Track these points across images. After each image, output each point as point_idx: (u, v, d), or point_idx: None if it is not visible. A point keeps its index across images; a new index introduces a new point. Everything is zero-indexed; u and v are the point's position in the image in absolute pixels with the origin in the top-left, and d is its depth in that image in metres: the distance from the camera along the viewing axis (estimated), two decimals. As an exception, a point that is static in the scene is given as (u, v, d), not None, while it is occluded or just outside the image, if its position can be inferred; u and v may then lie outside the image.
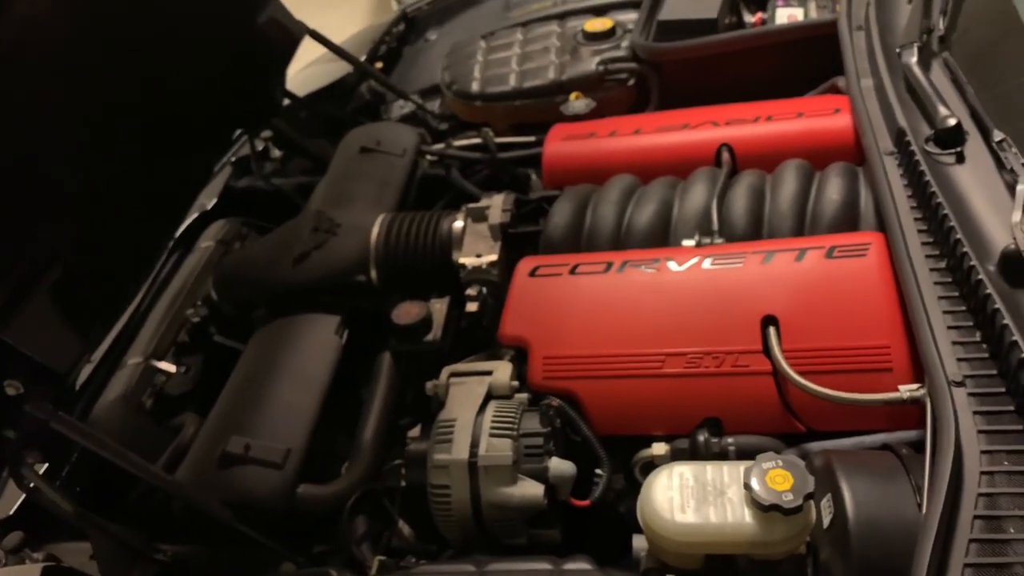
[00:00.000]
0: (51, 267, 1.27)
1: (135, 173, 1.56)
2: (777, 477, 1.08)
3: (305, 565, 1.39)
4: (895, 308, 1.29)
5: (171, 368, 1.78)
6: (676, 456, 1.31)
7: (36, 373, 1.24)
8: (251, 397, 1.56)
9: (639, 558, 1.18)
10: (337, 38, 2.29)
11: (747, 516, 1.08)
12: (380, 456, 1.52)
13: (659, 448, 1.32)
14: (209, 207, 2.22)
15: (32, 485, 1.29)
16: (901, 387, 1.19)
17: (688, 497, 1.12)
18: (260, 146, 2.42)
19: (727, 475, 1.13)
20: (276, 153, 2.43)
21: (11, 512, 1.49)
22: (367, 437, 1.53)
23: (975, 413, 1.05)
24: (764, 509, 1.05)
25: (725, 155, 1.72)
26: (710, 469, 1.14)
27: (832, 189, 1.53)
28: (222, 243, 2.08)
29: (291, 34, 2.03)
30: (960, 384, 1.08)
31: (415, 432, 1.48)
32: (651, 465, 1.34)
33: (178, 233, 2.12)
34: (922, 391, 1.16)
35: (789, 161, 1.63)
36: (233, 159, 2.37)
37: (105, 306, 1.52)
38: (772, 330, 1.32)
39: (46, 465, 1.49)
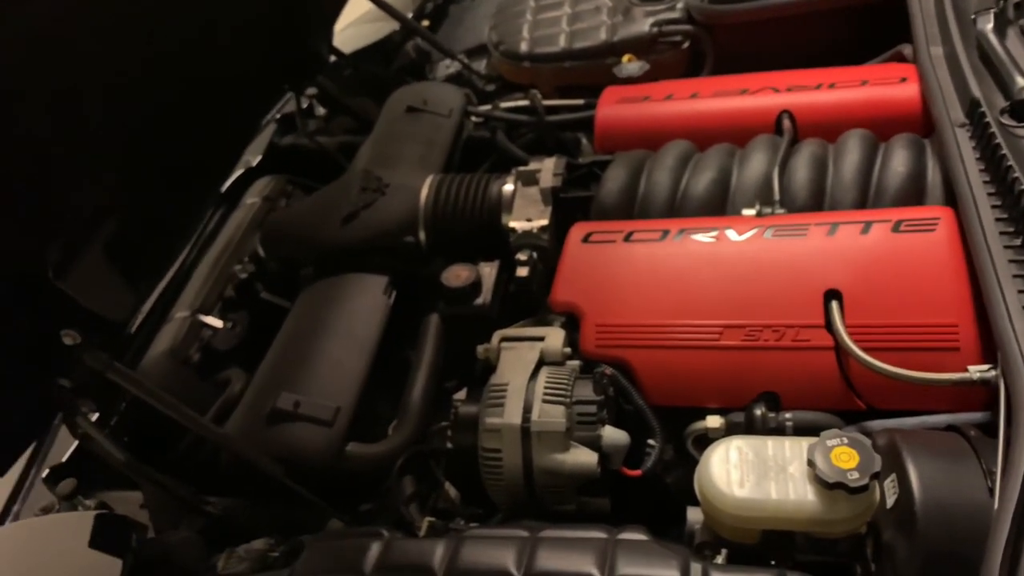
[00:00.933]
0: (106, 220, 1.27)
1: (180, 126, 1.55)
2: (842, 455, 1.05)
3: (352, 523, 1.40)
4: (964, 286, 1.25)
5: (218, 323, 1.78)
6: (731, 430, 1.29)
7: (92, 323, 1.24)
8: (300, 354, 1.56)
9: (693, 531, 1.17)
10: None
11: (809, 493, 1.06)
12: (427, 418, 1.51)
13: (714, 421, 1.30)
14: (254, 164, 2.21)
15: (85, 434, 1.30)
16: (971, 367, 1.15)
17: (748, 472, 1.10)
18: (305, 104, 2.40)
19: (789, 450, 1.11)
20: (321, 111, 2.41)
21: (64, 459, 1.51)
22: (415, 398, 1.52)
23: (1052, 396, 1.02)
24: (829, 487, 1.03)
25: (786, 122, 1.67)
26: (771, 444, 1.12)
27: (898, 161, 1.48)
28: (267, 200, 2.07)
29: (338, -9, 2.00)
30: (1035, 364, 1.04)
31: (461, 395, 1.47)
32: (704, 438, 1.32)
33: (223, 189, 2.11)
34: (993, 372, 1.13)
35: (853, 131, 1.58)
36: (278, 116, 2.35)
37: (156, 259, 1.52)
38: (835, 304, 1.29)
39: (97, 415, 1.51)
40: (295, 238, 1.80)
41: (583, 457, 1.25)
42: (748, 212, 1.46)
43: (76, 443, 1.52)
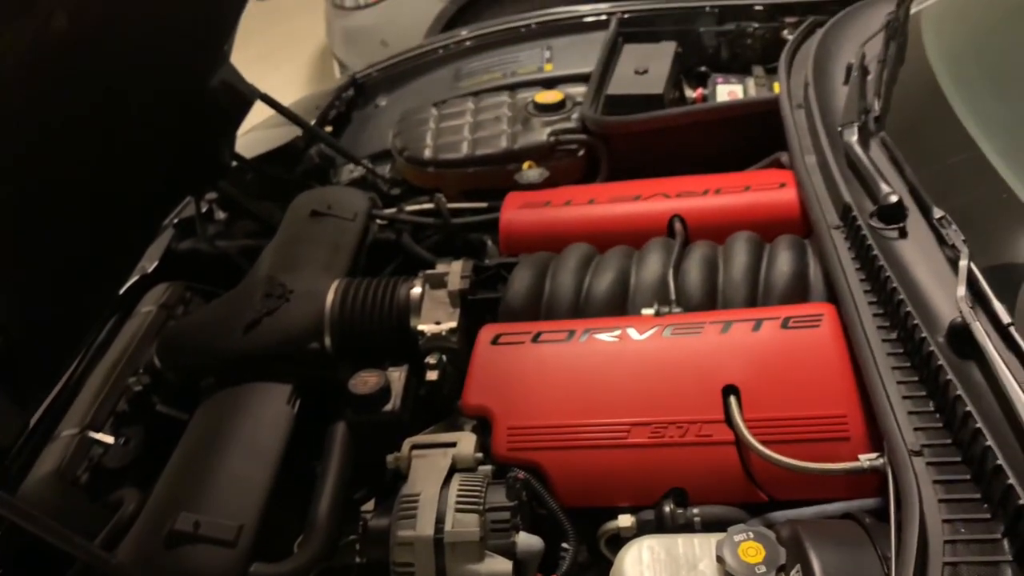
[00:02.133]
0: None
1: (72, 235, 1.51)
2: (749, 549, 1.09)
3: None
4: (850, 378, 1.33)
5: (109, 439, 1.69)
6: (642, 528, 1.31)
7: None
8: (199, 470, 1.49)
9: (610, 636, 1.17)
10: (280, 99, 2.28)
11: (720, 589, 1.08)
12: (336, 532, 1.47)
13: (625, 520, 1.32)
14: (150, 270, 2.15)
15: None
16: (861, 456, 1.22)
17: (661, 571, 1.12)
18: (204, 208, 2.37)
19: (698, 548, 1.13)
20: (221, 215, 2.39)
21: None
22: (322, 512, 1.47)
23: (935, 482, 1.09)
24: (738, 583, 1.06)
25: (678, 226, 1.76)
26: (681, 542, 1.15)
27: (782, 261, 1.58)
28: (164, 307, 2.01)
29: (243, 97, 2.02)
30: (919, 453, 1.12)
31: (369, 506, 1.44)
32: (617, 537, 1.33)
33: (116, 296, 2.04)
34: (881, 460, 1.19)
35: (739, 233, 1.69)
36: (176, 220, 2.32)
37: (42, 375, 1.44)
38: (733, 399, 1.34)
39: None
40: (194, 347, 1.75)
41: (498, 566, 1.24)
42: (647, 311, 1.52)
43: None
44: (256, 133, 2.58)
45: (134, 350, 1.87)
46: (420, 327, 1.62)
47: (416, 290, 1.69)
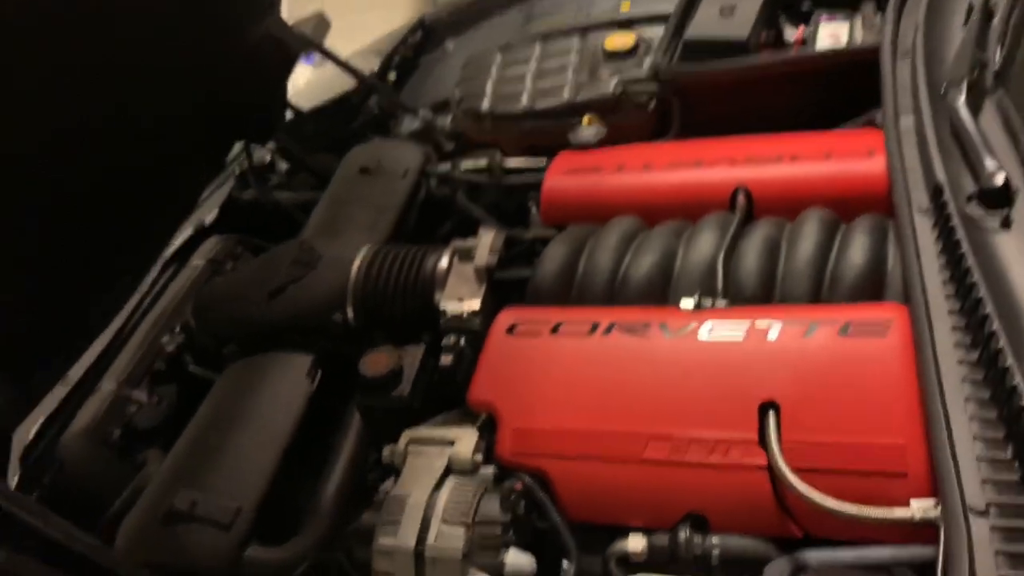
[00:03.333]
0: None
1: (111, 201, 1.46)
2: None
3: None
4: (915, 401, 1.11)
5: (143, 398, 1.69)
6: (654, 553, 1.16)
7: None
8: (208, 446, 1.46)
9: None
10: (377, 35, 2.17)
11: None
12: (341, 517, 1.39)
13: (636, 543, 1.17)
14: (209, 221, 2.12)
15: None
16: (914, 503, 1.01)
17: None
18: (267, 158, 2.32)
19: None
20: (284, 166, 2.34)
21: None
22: (328, 496, 1.41)
23: (997, 553, 0.88)
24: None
25: (741, 199, 1.53)
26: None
27: (856, 248, 1.34)
28: (213, 262, 1.98)
29: (290, 49, 1.92)
30: (983, 513, 0.91)
31: (389, 485, 1.36)
32: (626, 560, 1.19)
33: (170, 251, 2.03)
34: (937, 511, 0.99)
35: (812, 211, 1.45)
36: (238, 172, 2.27)
37: (41, 362, 1.42)
38: (771, 418, 1.15)
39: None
40: (222, 312, 1.70)
41: (481, 587, 1.13)
42: (686, 304, 1.33)
43: None
44: (321, 80, 2.49)
45: (177, 306, 1.85)
46: (442, 305, 1.50)
47: (443, 263, 1.56)
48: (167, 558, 1.31)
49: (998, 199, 1.19)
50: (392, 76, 2.40)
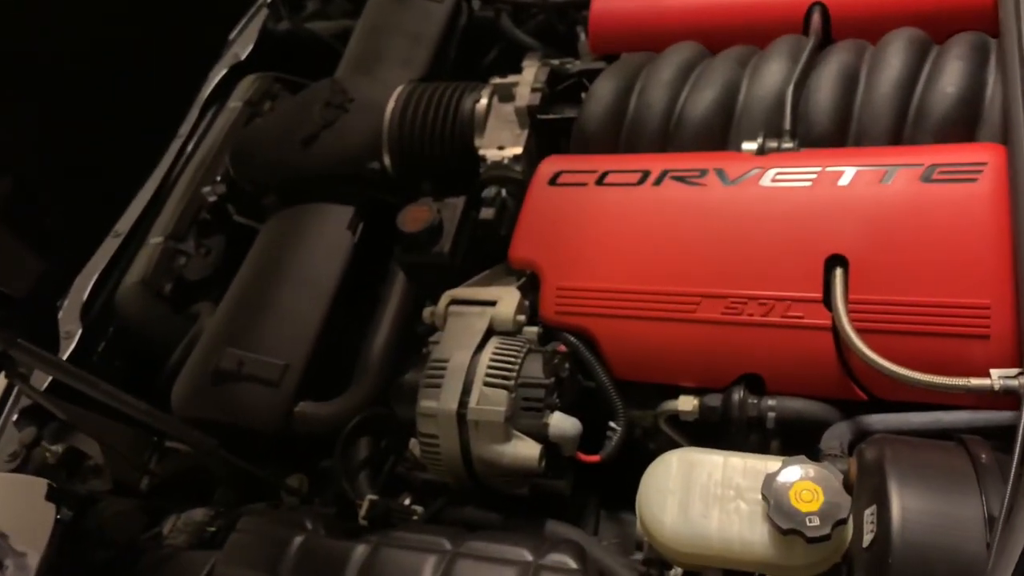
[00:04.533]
0: None
1: (138, 45, 1.35)
2: (804, 492, 0.87)
3: (301, 493, 1.32)
4: (1004, 256, 0.99)
5: (190, 249, 1.67)
6: (705, 413, 1.12)
7: None
8: (253, 302, 1.44)
9: (642, 541, 1.02)
10: None
11: (760, 531, 0.89)
12: (389, 371, 1.38)
13: (686, 403, 1.12)
14: (244, 56, 2.00)
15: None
16: (994, 372, 0.92)
17: (693, 495, 0.93)
18: (300, -18, 2.15)
19: (743, 475, 0.93)
20: (319, -7, 2.17)
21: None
22: (376, 350, 1.40)
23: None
24: (782, 532, 0.85)
25: (816, 19, 1.34)
26: (723, 463, 0.94)
27: (948, 76, 1.16)
28: (250, 103, 1.89)
29: None
30: (1072, 380, 0.81)
31: (436, 338, 1.33)
32: (676, 419, 1.14)
33: (209, 89, 1.92)
34: (1020, 381, 0.90)
35: (898, 31, 1.25)
36: (270, 1, 2.11)
37: (82, 220, 1.38)
38: (838, 274, 1.05)
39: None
40: (258, 160, 1.63)
41: (524, 450, 1.10)
42: (749, 146, 1.19)
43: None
44: None
45: (217, 153, 1.78)
46: (482, 151, 1.39)
47: (482, 103, 1.44)
48: (219, 415, 1.32)
49: None
50: None
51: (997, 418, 0.96)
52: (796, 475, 0.87)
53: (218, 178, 1.73)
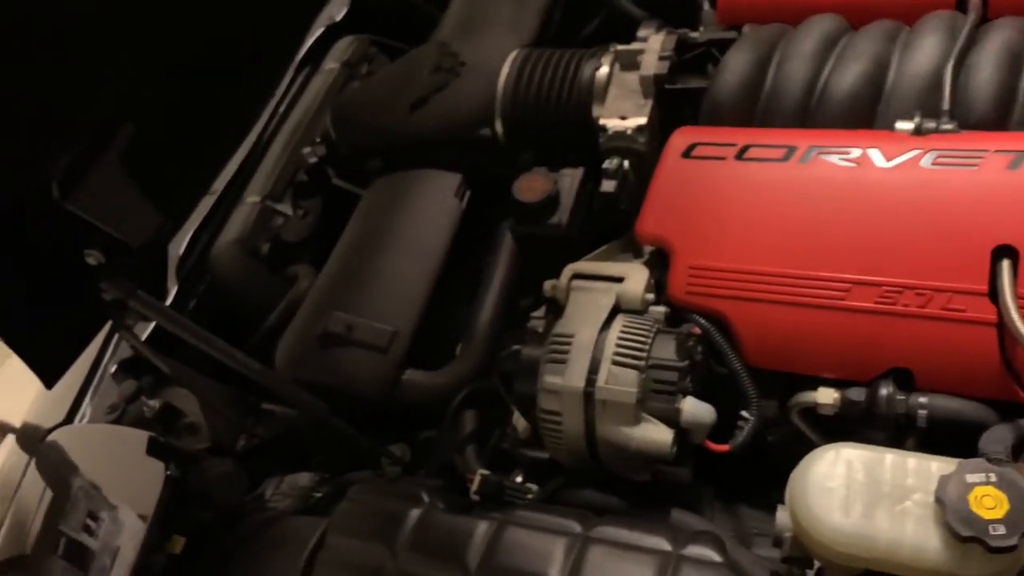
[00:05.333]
0: (120, 128, 1.10)
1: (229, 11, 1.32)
2: (985, 498, 0.81)
3: (404, 462, 1.29)
4: None
5: (288, 210, 1.65)
6: (846, 407, 1.05)
7: (115, 244, 1.12)
8: (359, 268, 1.41)
9: (782, 537, 0.96)
10: None
11: (934, 537, 0.83)
12: (495, 342, 1.35)
13: (826, 395, 1.06)
14: (339, 18, 1.97)
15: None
16: None
17: (856, 495, 0.87)
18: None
19: (912, 475, 0.87)
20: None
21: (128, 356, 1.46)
22: (482, 321, 1.37)
23: None
24: (962, 540, 0.80)
25: (974, -6, 1.26)
26: (890, 461, 0.88)
27: None
28: (347, 65, 1.86)
29: None
30: None
31: (539, 313, 1.28)
32: (812, 412, 1.09)
33: (296, 57, 1.90)
34: None
35: (1071, 8, 1.17)
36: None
37: (194, 171, 1.36)
38: (1006, 265, 0.98)
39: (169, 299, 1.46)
40: (363, 123, 1.59)
41: (655, 435, 1.05)
42: (904, 126, 1.12)
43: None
44: None
45: (314, 115, 1.76)
46: (602, 120, 1.33)
47: (603, 70, 1.38)
48: (325, 378, 1.30)
49: None
50: None
51: None
52: (978, 478, 0.81)
53: (317, 139, 1.70)
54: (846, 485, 0.87)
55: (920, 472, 0.86)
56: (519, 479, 1.20)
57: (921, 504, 0.84)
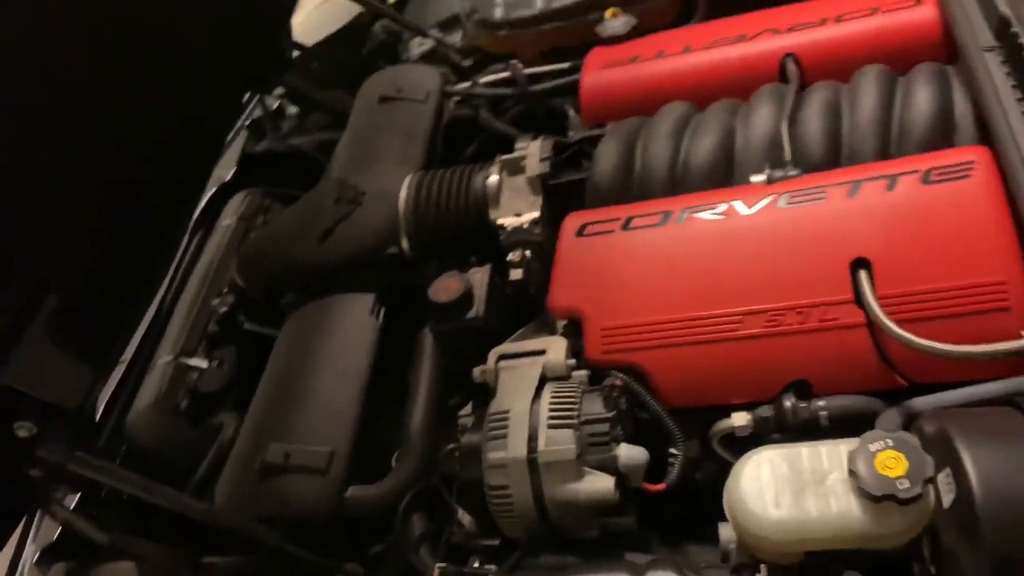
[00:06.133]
0: (44, 298, 1.14)
1: (134, 174, 1.41)
2: (888, 460, 0.92)
3: (362, 574, 1.30)
4: (1010, 237, 1.10)
5: (203, 363, 1.68)
6: (759, 425, 1.16)
7: (47, 411, 1.13)
8: (287, 397, 1.45)
9: (728, 550, 1.04)
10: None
11: (855, 507, 0.93)
12: (432, 444, 1.40)
13: (740, 418, 1.17)
14: (228, 178, 2.08)
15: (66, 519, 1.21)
16: (1025, 333, 1.00)
17: (783, 488, 0.97)
18: (274, 105, 2.26)
19: (826, 459, 0.97)
20: (293, 110, 2.28)
21: (55, 538, 1.42)
22: (415, 426, 1.41)
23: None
24: (876, 500, 0.90)
25: (791, 67, 1.49)
26: (805, 453, 0.99)
27: (920, 97, 1.30)
28: (243, 219, 1.94)
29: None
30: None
31: (467, 411, 1.35)
32: (731, 437, 1.19)
33: (195, 214, 1.98)
34: (1051, 335, 0.98)
35: (867, 67, 1.40)
36: (248, 123, 2.22)
37: (114, 326, 1.40)
38: (864, 275, 1.14)
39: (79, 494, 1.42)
40: (271, 263, 1.67)
41: (599, 484, 1.13)
42: (757, 179, 1.30)
43: None
44: (317, 15, 2.40)
45: (217, 268, 1.82)
46: (499, 220, 1.47)
47: (492, 179, 1.53)
48: (270, 510, 1.31)
49: (1069, 23, 1.15)
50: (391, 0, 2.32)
51: (1027, 382, 1.04)
52: (877, 446, 0.92)
53: (225, 289, 1.77)
54: (773, 482, 0.97)
55: (832, 455, 0.97)
56: (476, 564, 1.24)
57: (839, 481, 0.94)
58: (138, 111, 1.43)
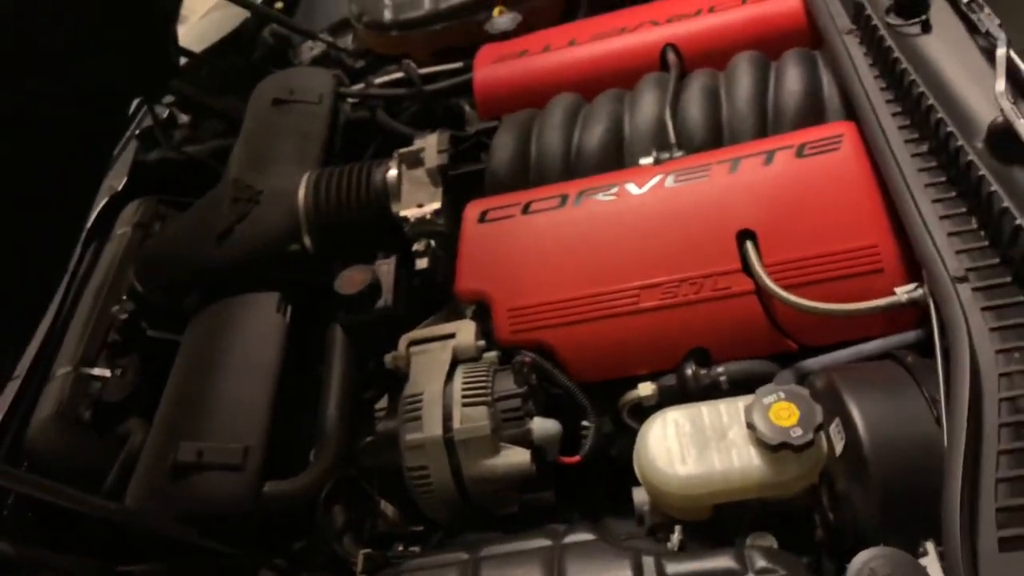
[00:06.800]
0: None
1: (15, 186, 1.35)
2: (782, 411, 0.99)
3: (285, 568, 1.29)
4: (878, 203, 1.19)
5: (105, 373, 1.62)
6: (664, 394, 1.22)
7: None
8: (196, 396, 1.42)
9: (642, 512, 1.09)
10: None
11: (755, 457, 0.99)
12: (347, 436, 1.40)
13: (645, 388, 1.23)
14: (120, 188, 2.01)
15: None
16: (898, 289, 1.10)
17: (687, 445, 1.02)
18: (164, 113, 2.21)
19: (725, 415, 1.04)
20: (184, 118, 2.23)
21: None
22: (330, 419, 1.41)
23: (983, 309, 0.97)
24: (773, 449, 0.97)
25: (671, 56, 1.57)
26: (706, 411, 1.05)
27: (791, 80, 1.40)
28: (139, 227, 1.89)
29: (172, -10, 1.80)
30: (963, 279, 0.99)
31: (383, 403, 1.36)
32: (639, 407, 1.24)
33: (89, 223, 1.92)
34: (921, 291, 1.08)
35: (741, 54, 1.50)
36: (138, 132, 2.15)
37: (1, 342, 1.34)
38: (750, 245, 1.21)
39: None
40: (171, 266, 1.64)
41: (515, 457, 1.17)
42: (645, 161, 1.37)
43: None
44: (204, 21, 2.36)
45: (115, 276, 1.76)
46: (402, 212, 1.49)
47: (392, 172, 1.54)
48: (187, 506, 1.28)
49: (914, 6, 1.27)
50: (279, 4, 2.29)
51: (907, 338, 1.13)
52: (771, 399, 0.99)
53: (124, 297, 1.72)
54: (678, 440, 1.03)
55: (731, 411, 1.03)
56: (400, 548, 1.25)
57: (738, 435, 1.01)
58: (15, 121, 1.37)
